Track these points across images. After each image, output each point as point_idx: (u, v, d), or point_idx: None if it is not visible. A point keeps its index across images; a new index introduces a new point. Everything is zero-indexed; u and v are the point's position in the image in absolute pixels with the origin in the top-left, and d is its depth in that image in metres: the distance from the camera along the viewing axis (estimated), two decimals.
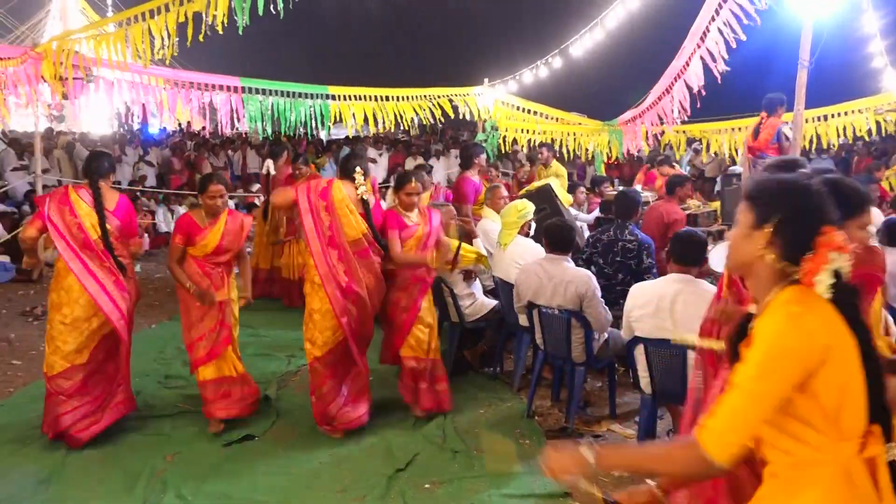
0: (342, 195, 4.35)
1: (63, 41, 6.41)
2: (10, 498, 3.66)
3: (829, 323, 1.64)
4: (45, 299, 7.46)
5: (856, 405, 1.65)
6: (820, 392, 1.62)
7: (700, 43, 7.33)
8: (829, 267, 1.63)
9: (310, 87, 8.14)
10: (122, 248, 4.35)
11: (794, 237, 1.67)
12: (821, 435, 1.64)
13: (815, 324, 1.62)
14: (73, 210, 4.19)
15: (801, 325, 1.61)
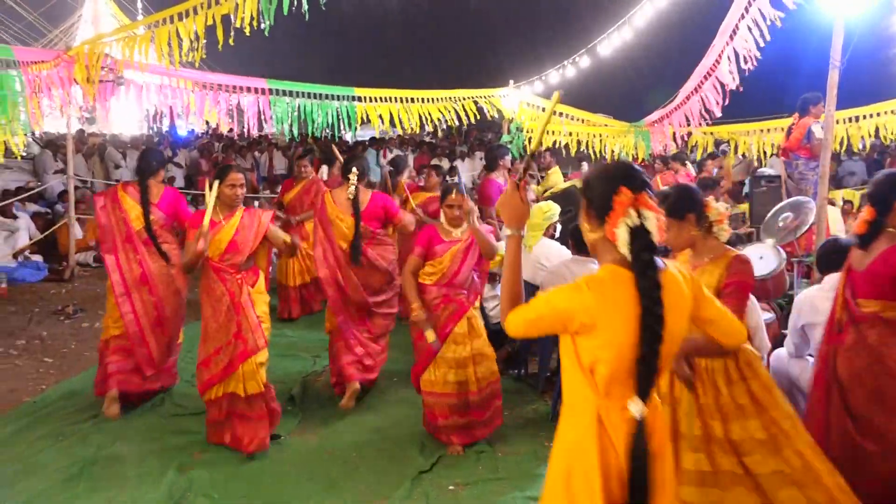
0: (332, 206, 5.04)
1: (94, 44, 6.51)
2: (43, 493, 3.72)
3: (606, 301, 1.88)
4: (77, 298, 7.65)
5: (617, 368, 1.88)
6: (581, 352, 1.92)
7: (729, 41, 7.25)
8: (626, 221, 1.88)
9: (336, 88, 8.18)
10: (167, 236, 4.97)
11: (596, 202, 1.97)
12: (581, 387, 1.95)
13: (584, 297, 1.89)
14: (121, 206, 4.84)
15: (572, 293, 1.91)
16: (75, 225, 9.17)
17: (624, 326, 1.87)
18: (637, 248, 1.88)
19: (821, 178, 5.76)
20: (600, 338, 1.88)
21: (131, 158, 13.73)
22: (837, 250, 3.98)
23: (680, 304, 1.96)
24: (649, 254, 1.89)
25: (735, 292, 2.82)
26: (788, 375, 4.13)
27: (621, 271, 1.92)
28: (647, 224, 1.89)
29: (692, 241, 2.92)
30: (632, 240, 1.89)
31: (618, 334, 1.87)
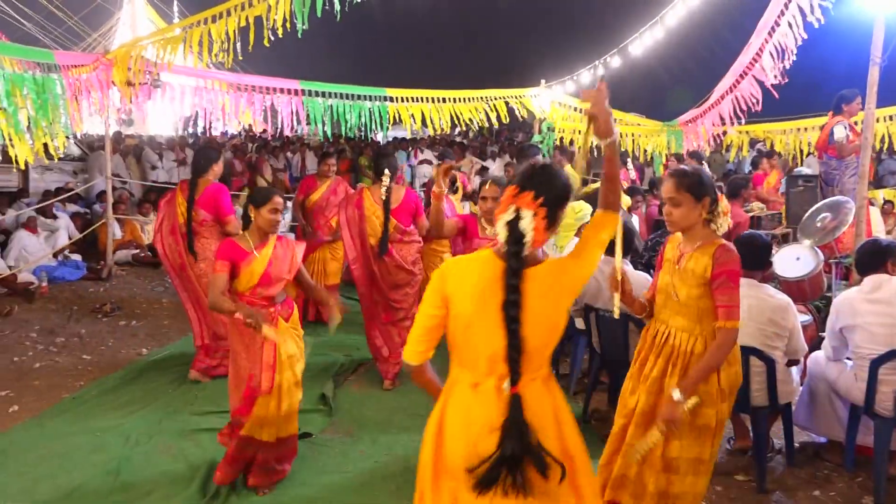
0: (371, 202, 5.24)
1: (132, 47, 6.63)
2: (81, 486, 3.80)
3: (465, 280, 2.12)
4: (115, 297, 7.80)
5: (481, 346, 2.08)
6: (448, 330, 2.16)
7: (768, 38, 7.15)
8: (506, 217, 2.06)
9: (368, 89, 8.23)
10: (206, 232, 5.36)
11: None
12: (455, 363, 2.19)
13: (446, 278, 2.15)
14: (175, 202, 5.51)
15: (437, 274, 2.18)
16: (114, 224, 9.35)
17: (481, 304, 2.08)
18: (509, 241, 2.05)
19: (860, 177, 5.64)
20: (453, 309, 2.12)
21: (167, 160, 13.97)
22: (877, 251, 3.90)
23: (551, 293, 2.09)
24: (517, 248, 2.04)
25: (724, 283, 2.84)
26: (826, 378, 4.06)
27: (491, 255, 2.15)
28: (521, 223, 2.04)
29: (695, 224, 2.96)
30: (507, 233, 2.05)
31: (471, 311, 2.09)
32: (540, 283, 2.07)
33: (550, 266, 2.13)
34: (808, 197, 6.78)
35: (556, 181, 2.14)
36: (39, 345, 6.22)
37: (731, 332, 2.82)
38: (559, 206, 2.13)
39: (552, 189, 2.11)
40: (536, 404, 2.11)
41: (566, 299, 2.16)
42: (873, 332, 3.73)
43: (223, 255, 3.75)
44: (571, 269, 2.19)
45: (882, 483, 3.67)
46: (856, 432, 3.96)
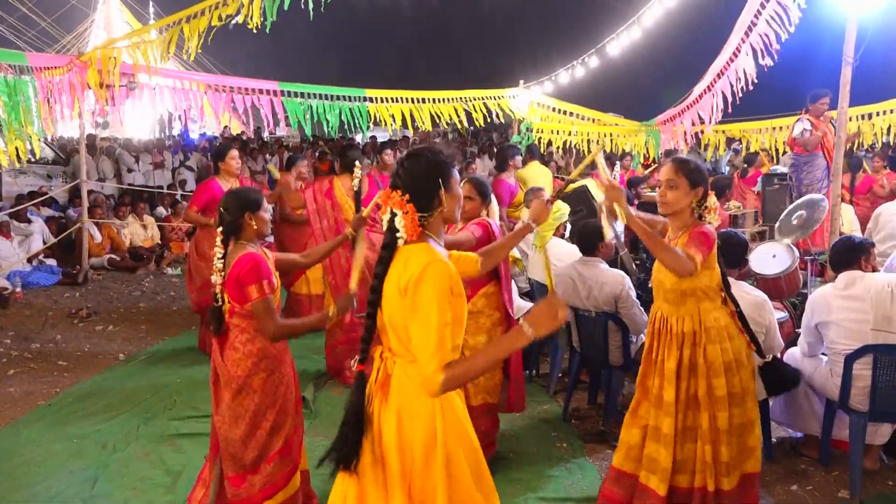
0: (342, 192, 5.33)
1: (107, 49, 6.56)
2: (59, 495, 3.75)
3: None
4: (91, 302, 7.71)
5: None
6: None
7: (744, 38, 7.24)
8: (386, 218, 2.17)
9: (347, 89, 8.21)
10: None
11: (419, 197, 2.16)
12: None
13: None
14: None
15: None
16: (92, 228, 9.24)
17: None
18: (387, 237, 2.17)
19: (833, 175, 5.72)
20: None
21: (144, 162, 13.83)
22: (851, 249, 3.95)
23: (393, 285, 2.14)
24: (391, 240, 2.16)
25: (695, 239, 2.99)
26: (802, 374, 4.10)
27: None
28: (395, 221, 2.15)
29: (684, 210, 3.09)
30: (387, 229, 2.17)
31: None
32: (394, 269, 2.17)
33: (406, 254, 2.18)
34: (783, 195, 6.88)
35: (416, 170, 2.17)
36: (14, 351, 6.13)
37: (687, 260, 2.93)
38: (426, 190, 2.16)
39: (414, 180, 2.17)
40: (398, 385, 2.16)
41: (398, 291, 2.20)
42: (847, 328, 3.78)
43: (263, 273, 3.01)
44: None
45: (858, 476, 3.72)
46: (831, 427, 4.01)
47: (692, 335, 3.12)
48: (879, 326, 3.73)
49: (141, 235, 10.33)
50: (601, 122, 10.14)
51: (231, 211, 3.05)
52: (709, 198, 3.10)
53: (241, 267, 2.98)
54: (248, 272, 2.97)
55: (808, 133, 6.77)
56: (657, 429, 3.16)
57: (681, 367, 3.11)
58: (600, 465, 4.09)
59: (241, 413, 3.04)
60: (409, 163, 2.19)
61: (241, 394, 3.03)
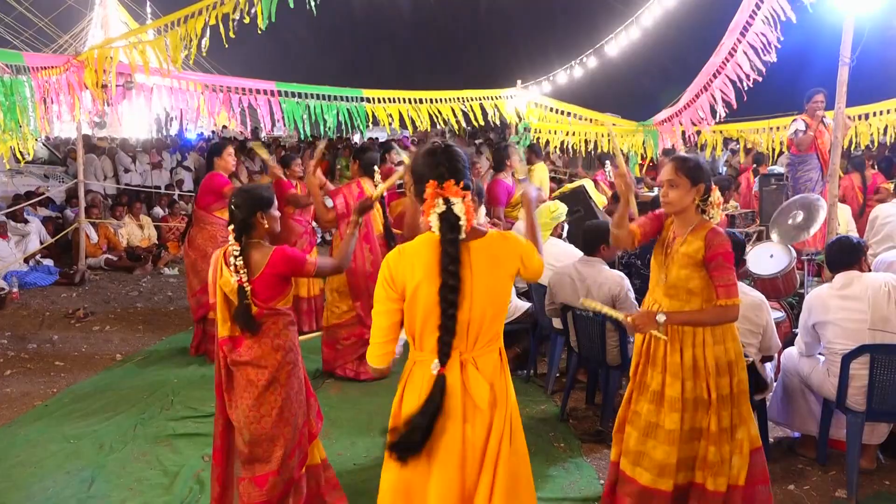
0: (371, 192, 5.02)
1: (104, 49, 6.55)
2: (56, 495, 3.74)
3: (416, 265, 2.17)
4: (88, 302, 7.70)
5: (424, 326, 2.18)
6: (406, 317, 2.21)
7: (740, 38, 7.25)
8: (436, 210, 2.16)
9: (344, 90, 8.20)
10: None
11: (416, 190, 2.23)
12: (414, 347, 2.26)
13: (394, 268, 2.20)
14: None
15: (385, 268, 2.22)
16: (88, 228, 9.22)
17: (429, 288, 2.15)
18: (444, 230, 2.15)
19: (830, 175, 5.73)
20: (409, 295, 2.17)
21: (141, 162, 13.82)
22: (851, 249, 3.95)
23: (493, 268, 2.21)
24: (453, 234, 2.15)
25: (721, 265, 2.97)
26: (799, 374, 4.11)
27: (435, 238, 2.19)
28: (454, 209, 2.16)
29: (687, 208, 3.08)
30: (441, 224, 2.15)
31: (423, 294, 2.15)
32: (485, 255, 2.20)
33: (493, 238, 2.26)
34: (780, 195, 6.90)
35: (461, 159, 2.24)
36: (11, 351, 6.12)
37: (731, 308, 2.97)
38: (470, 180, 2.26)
39: (464, 170, 2.23)
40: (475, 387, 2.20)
41: (507, 269, 2.27)
42: (845, 327, 3.79)
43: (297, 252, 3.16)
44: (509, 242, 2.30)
45: (854, 476, 3.72)
46: (829, 427, 4.01)
47: (692, 334, 3.10)
48: (876, 326, 3.74)
49: (138, 235, 10.32)
50: (598, 123, 10.14)
51: (243, 209, 3.03)
52: (712, 193, 3.10)
53: (279, 261, 3.02)
54: (288, 261, 3.04)
55: (800, 133, 6.79)
56: (658, 426, 3.14)
57: (683, 365, 3.09)
58: (598, 464, 4.09)
59: (268, 410, 3.04)
60: (452, 155, 2.22)
61: (268, 389, 3.03)
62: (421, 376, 2.23)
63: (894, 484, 3.88)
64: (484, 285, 2.18)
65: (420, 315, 2.18)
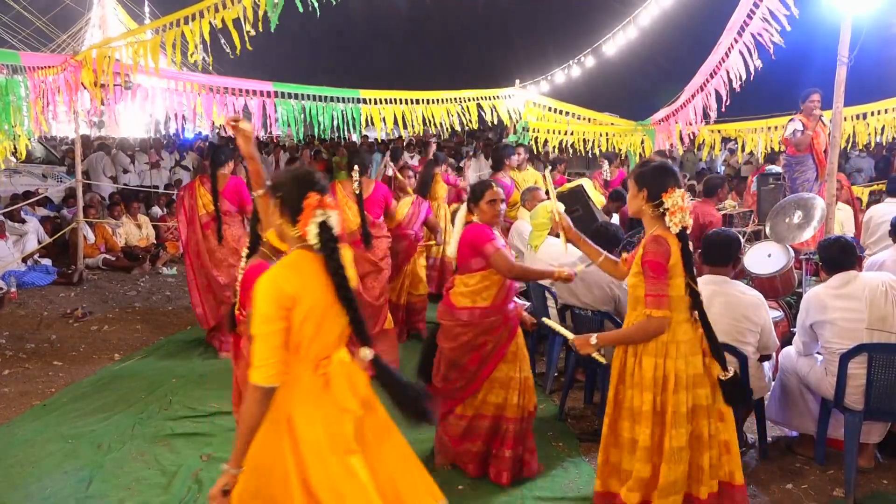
0: (342, 194, 5.48)
1: (102, 49, 6.54)
2: (54, 495, 3.74)
3: (306, 281, 2.30)
4: (86, 302, 7.69)
5: (335, 330, 2.36)
6: (295, 332, 2.28)
7: (738, 38, 7.26)
8: (315, 220, 2.30)
9: (341, 91, 8.19)
10: (229, 220, 5.91)
11: (289, 204, 2.36)
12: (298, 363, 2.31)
13: (283, 287, 2.26)
14: (195, 194, 5.99)
15: (272, 289, 2.27)
16: (85, 228, 9.21)
17: (322, 297, 2.33)
18: (325, 239, 2.32)
19: (829, 175, 5.73)
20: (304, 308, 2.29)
21: (139, 162, 13.81)
22: (849, 249, 3.96)
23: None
24: (333, 242, 2.34)
25: (647, 273, 2.96)
26: (797, 373, 4.12)
27: (309, 255, 2.36)
28: (330, 220, 2.34)
29: (641, 213, 3.09)
30: (320, 232, 2.31)
31: (314, 303, 2.30)
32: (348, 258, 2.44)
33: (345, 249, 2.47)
34: (777, 195, 6.90)
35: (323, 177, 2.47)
36: (9, 351, 6.11)
37: (655, 320, 2.93)
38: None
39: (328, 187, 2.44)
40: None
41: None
42: (842, 327, 3.79)
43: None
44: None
45: (852, 475, 3.73)
46: (826, 426, 4.02)
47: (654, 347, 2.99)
48: (874, 325, 3.75)
49: (136, 235, 10.30)
50: (597, 122, 10.15)
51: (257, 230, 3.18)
52: (666, 199, 2.96)
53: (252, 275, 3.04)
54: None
55: (798, 133, 6.79)
56: (634, 441, 3.05)
57: (655, 379, 2.99)
58: (596, 464, 4.08)
59: None
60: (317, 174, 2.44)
61: None
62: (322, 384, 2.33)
63: (892, 483, 3.89)
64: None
65: (323, 323, 2.33)
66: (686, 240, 2.99)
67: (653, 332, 2.96)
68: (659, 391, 2.98)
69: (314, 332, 2.31)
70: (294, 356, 2.31)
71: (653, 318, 2.92)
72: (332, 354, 2.38)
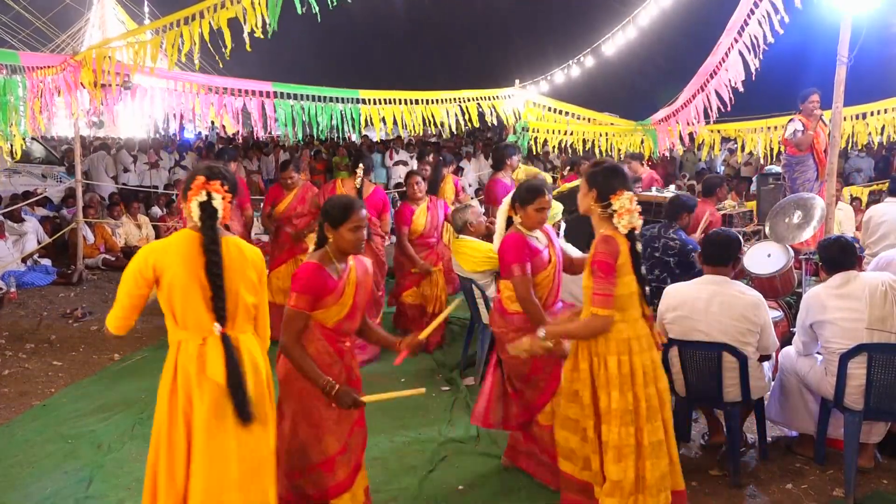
0: (343, 191, 5.81)
1: (101, 49, 6.54)
2: (53, 495, 3.75)
3: (172, 257, 2.62)
4: (86, 302, 7.68)
5: (201, 305, 2.62)
6: (164, 301, 2.67)
7: (737, 38, 7.26)
8: (197, 199, 2.61)
9: (341, 91, 8.18)
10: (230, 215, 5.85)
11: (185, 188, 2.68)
12: (176, 328, 2.69)
13: (149, 261, 2.62)
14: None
15: (141, 259, 2.65)
16: (84, 229, 9.21)
17: (191, 274, 2.59)
18: (204, 217, 2.60)
19: (829, 174, 5.73)
20: (171, 283, 2.61)
21: (140, 162, 13.82)
22: (850, 249, 3.95)
23: (238, 266, 2.69)
24: (212, 222, 2.61)
25: (595, 272, 3.03)
26: (797, 373, 4.12)
27: (193, 234, 2.64)
28: (213, 202, 2.61)
29: (591, 212, 3.16)
30: (201, 212, 2.60)
31: (187, 280, 2.60)
32: (229, 252, 2.67)
33: (233, 242, 2.72)
34: (778, 195, 6.90)
35: (230, 174, 2.74)
36: (8, 351, 6.11)
37: (600, 318, 3.01)
38: (235, 192, 2.74)
39: (231, 180, 2.71)
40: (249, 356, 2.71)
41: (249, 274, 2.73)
42: (842, 327, 3.79)
43: (305, 286, 2.97)
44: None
45: (852, 475, 3.73)
46: (826, 426, 4.02)
47: (588, 343, 3.09)
48: (874, 325, 3.74)
49: (135, 235, 10.30)
50: (596, 122, 10.14)
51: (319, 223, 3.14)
52: (615, 200, 3.01)
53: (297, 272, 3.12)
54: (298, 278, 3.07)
55: (799, 133, 6.78)
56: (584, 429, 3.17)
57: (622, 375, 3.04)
58: None
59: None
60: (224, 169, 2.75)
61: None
62: (192, 348, 2.64)
63: (892, 483, 3.89)
64: (236, 273, 2.67)
65: (179, 296, 2.61)
66: (634, 240, 3.07)
67: (597, 329, 3.03)
68: (629, 387, 3.04)
69: (182, 303, 2.61)
70: (174, 323, 2.68)
71: (598, 316, 3.00)
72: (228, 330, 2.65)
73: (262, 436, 2.71)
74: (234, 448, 2.64)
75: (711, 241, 4.01)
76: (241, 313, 2.70)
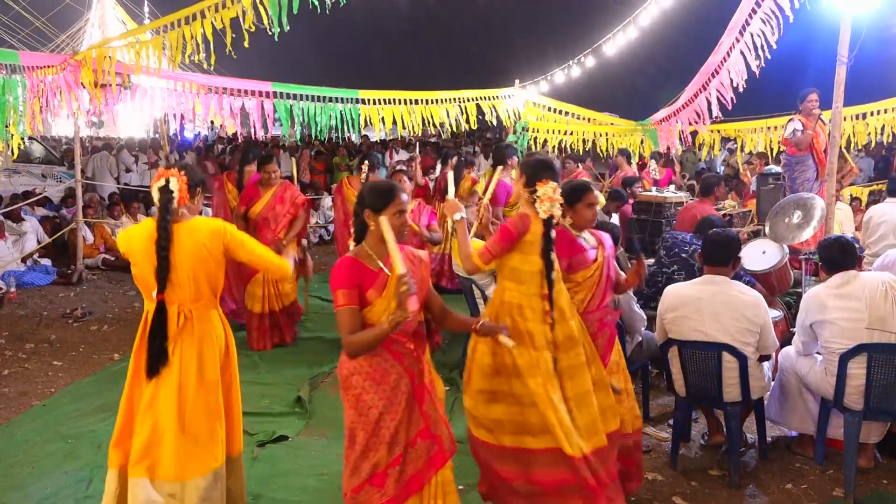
0: (351, 190, 6.40)
1: (101, 49, 6.54)
2: (53, 495, 3.75)
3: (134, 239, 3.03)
4: (86, 302, 7.68)
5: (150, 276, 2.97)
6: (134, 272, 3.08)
7: (739, 37, 7.26)
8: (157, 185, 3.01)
9: (340, 91, 8.17)
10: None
11: None
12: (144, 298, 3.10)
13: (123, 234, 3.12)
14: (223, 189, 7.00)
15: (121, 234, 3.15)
16: (84, 229, 9.21)
17: (148, 250, 2.95)
18: (160, 199, 2.99)
19: (828, 174, 5.73)
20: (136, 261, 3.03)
21: (140, 162, 13.82)
22: (850, 250, 3.96)
23: (192, 250, 2.98)
24: (168, 203, 2.97)
25: (496, 232, 3.36)
26: (796, 373, 4.12)
27: (152, 221, 3.03)
28: (170, 185, 2.99)
29: (518, 195, 3.46)
30: (160, 195, 2.99)
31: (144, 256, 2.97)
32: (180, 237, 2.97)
33: (190, 227, 3.02)
34: (778, 195, 6.91)
35: (195, 172, 3.14)
36: (8, 351, 6.11)
37: (471, 261, 3.35)
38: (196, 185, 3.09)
39: (194, 176, 3.10)
40: (201, 325, 3.06)
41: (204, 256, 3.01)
42: (842, 327, 3.79)
43: (341, 281, 2.72)
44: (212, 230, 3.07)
45: (852, 475, 3.73)
46: (826, 426, 4.02)
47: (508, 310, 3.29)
48: (874, 325, 3.75)
49: None
50: (596, 122, 10.14)
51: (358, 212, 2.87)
52: (540, 187, 3.24)
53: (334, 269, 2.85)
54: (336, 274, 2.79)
55: (798, 133, 6.79)
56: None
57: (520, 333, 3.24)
58: None
59: None
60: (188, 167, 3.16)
61: None
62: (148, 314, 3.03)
63: (892, 482, 3.89)
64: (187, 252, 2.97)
65: (140, 270, 3.01)
66: (550, 227, 3.23)
67: (469, 268, 3.39)
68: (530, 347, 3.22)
69: (142, 276, 3.03)
70: (144, 296, 3.08)
71: (471, 259, 3.34)
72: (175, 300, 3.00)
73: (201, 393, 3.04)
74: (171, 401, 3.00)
75: (711, 241, 4.01)
76: (194, 286, 3.01)
